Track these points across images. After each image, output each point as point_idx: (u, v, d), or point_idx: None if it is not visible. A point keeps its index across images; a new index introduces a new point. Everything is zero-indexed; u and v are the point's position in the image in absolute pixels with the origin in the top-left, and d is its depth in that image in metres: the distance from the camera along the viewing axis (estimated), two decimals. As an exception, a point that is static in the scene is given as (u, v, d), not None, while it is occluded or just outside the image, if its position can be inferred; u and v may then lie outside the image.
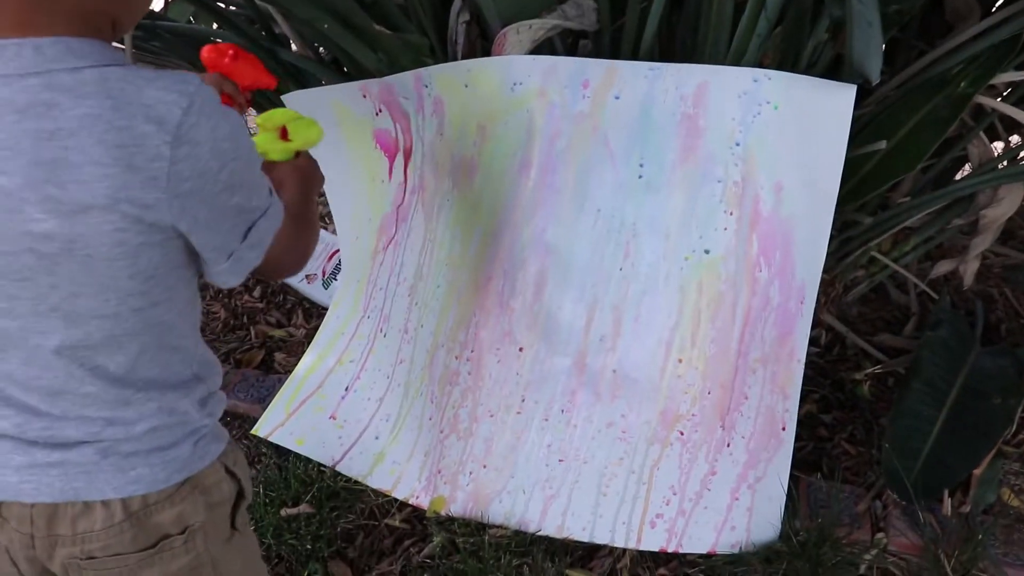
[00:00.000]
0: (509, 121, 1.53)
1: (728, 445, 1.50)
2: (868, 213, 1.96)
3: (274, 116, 1.07)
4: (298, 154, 1.08)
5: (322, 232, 2.16)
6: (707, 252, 1.46)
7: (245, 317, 2.22)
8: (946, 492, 1.59)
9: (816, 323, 2.07)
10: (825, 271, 1.98)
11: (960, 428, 1.75)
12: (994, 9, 1.71)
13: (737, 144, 1.42)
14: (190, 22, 2.26)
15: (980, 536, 1.50)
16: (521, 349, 1.56)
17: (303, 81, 1.92)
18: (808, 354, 1.96)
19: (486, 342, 1.58)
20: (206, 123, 0.71)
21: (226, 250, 0.78)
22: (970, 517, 1.57)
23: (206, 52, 1.12)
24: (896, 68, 1.84)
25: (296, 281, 2.21)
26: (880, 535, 1.56)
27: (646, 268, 1.48)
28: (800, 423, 1.82)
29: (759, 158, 1.42)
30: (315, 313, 2.22)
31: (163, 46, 1.96)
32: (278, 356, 2.06)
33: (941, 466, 1.66)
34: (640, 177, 1.46)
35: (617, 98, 1.46)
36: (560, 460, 1.55)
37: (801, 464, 1.74)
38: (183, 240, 0.76)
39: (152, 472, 0.83)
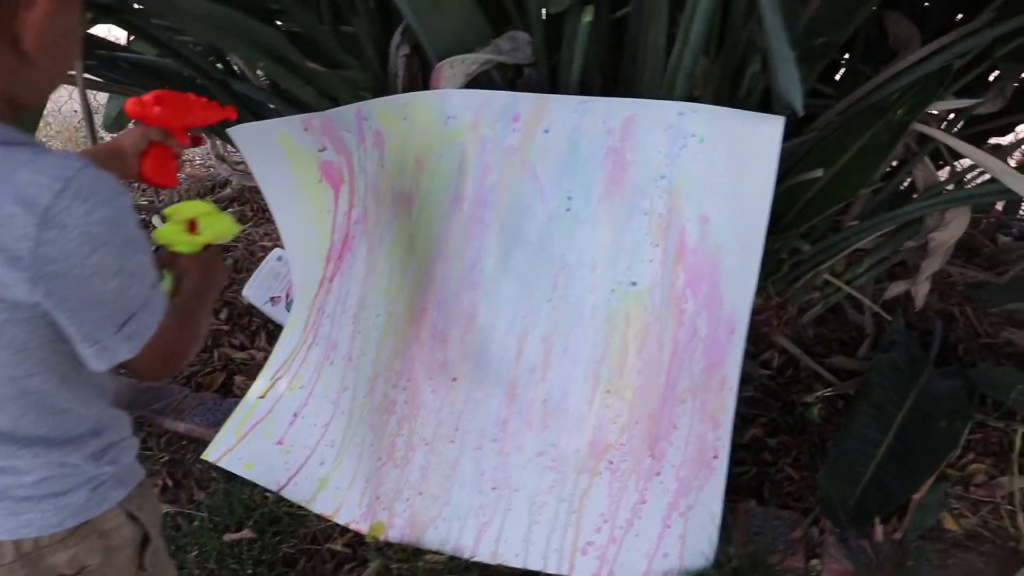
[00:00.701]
0: (443, 154, 1.55)
1: (658, 474, 1.52)
2: (818, 236, 1.97)
3: (183, 208, 1.08)
4: (206, 247, 1.09)
5: (282, 252, 2.20)
6: (634, 284, 1.48)
7: (211, 340, 2.25)
8: (877, 519, 1.59)
9: (769, 345, 2.09)
10: (778, 294, 2.02)
11: (904, 452, 1.76)
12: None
13: (663, 177, 1.44)
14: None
15: (911, 563, 1.51)
16: (455, 379, 1.59)
17: (258, 112, 1.96)
18: (760, 377, 2.00)
19: (421, 372, 1.60)
20: (79, 207, 0.71)
21: (93, 337, 0.78)
22: (904, 543, 1.58)
23: (129, 106, 1.15)
24: (844, 92, 1.85)
25: (260, 303, 2.24)
26: (815, 561, 1.57)
27: (575, 300, 1.50)
28: (745, 447, 1.86)
29: (685, 191, 1.44)
30: (278, 335, 2.25)
31: (124, 77, 1.99)
32: (237, 379, 2.09)
33: (881, 490, 1.67)
34: (568, 210, 1.48)
35: (547, 132, 1.48)
36: (493, 488, 1.57)
37: (742, 489, 1.76)
38: (51, 318, 0.77)
39: (44, 517, 0.86)
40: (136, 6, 1.71)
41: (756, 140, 1.41)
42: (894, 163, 1.96)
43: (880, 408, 1.83)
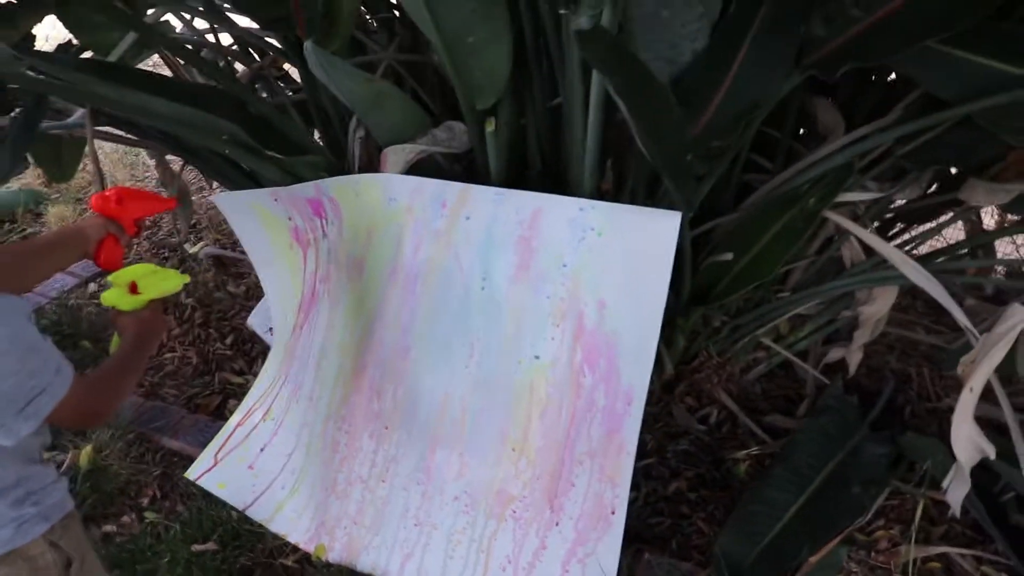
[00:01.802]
0: (386, 230, 1.76)
1: (557, 524, 1.70)
2: (756, 303, 2.11)
3: (124, 273, 1.32)
4: (147, 307, 1.32)
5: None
6: (537, 358, 1.66)
7: (214, 364, 2.53)
8: (758, 578, 1.73)
9: (712, 401, 2.24)
10: (719, 353, 2.16)
11: (812, 516, 1.89)
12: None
13: (564, 265, 1.62)
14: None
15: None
16: (387, 427, 1.81)
17: (255, 177, 2.21)
18: (696, 431, 2.15)
19: (360, 419, 1.83)
20: None
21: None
22: (787, 603, 1.72)
23: (94, 200, 1.40)
24: (779, 168, 1.99)
25: (262, 332, 2.50)
26: (701, 613, 1.73)
27: (488, 367, 1.70)
28: (665, 499, 2.02)
29: (583, 278, 1.61)
30: (275, 362, 2.52)
31: (137, 134, 2.25)
32: (231, 403, 2.36)
33: (778, 553, 1.81)
34: (483, 289, 1.68)
35: (468, 218, 1.67)
36: (415, 524, 1.78)
37: (654, 539, 1.92)
38: None
39: None
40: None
41: (652, 233, 1.57)
42: (831, 236, 2.07)
43: (797, 472, 1.96)
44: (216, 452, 2.07)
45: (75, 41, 2.02)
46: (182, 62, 2.11)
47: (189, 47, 1.92)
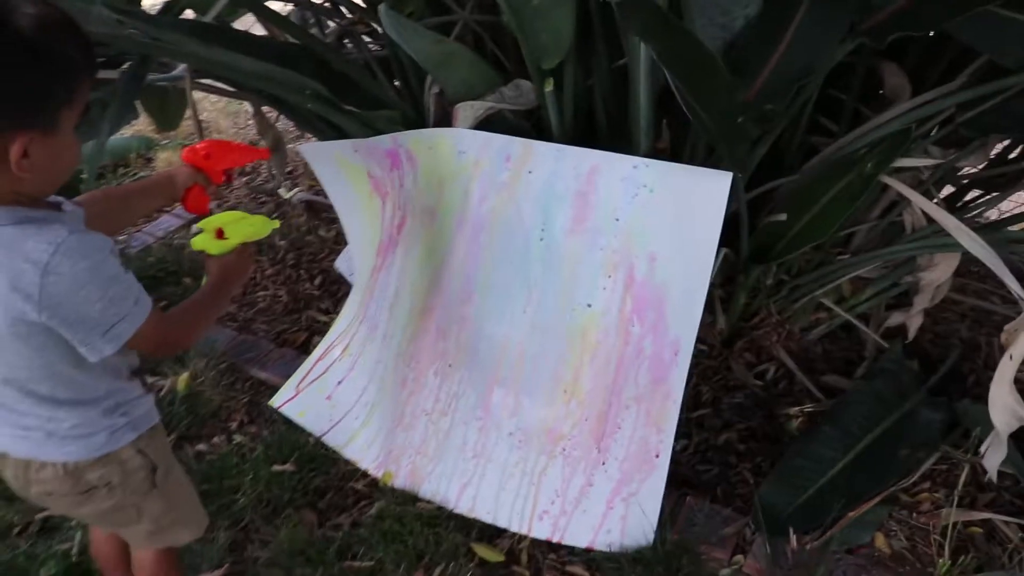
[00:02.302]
0: (456, 182, 1.88)
1: (603, 464, 1.81)
2: (817, 264, 2.14)
3: (213, 220, 1.42)
4: (234, 252, 1.42)
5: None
6: (589, 306, 1.76)
7: (303, 303, 2.72)
8: (791, 529, 1.80)
9: (771, 358, 2.29)
10: (778, 312, 2.21)
11: (856, 474, 1.94)
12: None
13: (617, 219, 1.71)
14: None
15: (819, 568, 1.73)
16: (451, 366, 1.94)
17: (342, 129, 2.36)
18: (752, 386, 2.22)
19: (426, 357, 1.97)
20: (67, 261, 1.07)
21: (84, 342, 1.16)
22: (824, 553, 1.79)
23: (184, 153, 1.51)
24: (843, 131, 2.01)
25: (347, 275, 2.67)
26: (739, 557, 1.81)
27: (544, 314, 1.81)
28: (714, 448, 2.10)
29: (635, 232, 1.70)
30: (358, 303, 2.69)
31: (237, 86, 2.42)
32: (315, 339, 2.53)
33: (818, 506, 1.87)
34: (541, 240, 1.78)
35: (530, 172, 1.78)
36: (473, 456, 1.92)
37: (700, 484, 2.01)
38: (56, 330, 1.15)
39: (78, 449, 1.28)
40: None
41: (704, 192, 1.64)
42: (894, 201, 2.08)
43: (846, 431, 2.01)
44: (298, 383, 2.25)
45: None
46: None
47: (270, 7, 2.05)
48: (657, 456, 1.80)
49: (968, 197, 2.31)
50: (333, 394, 2.20)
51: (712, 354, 2.31)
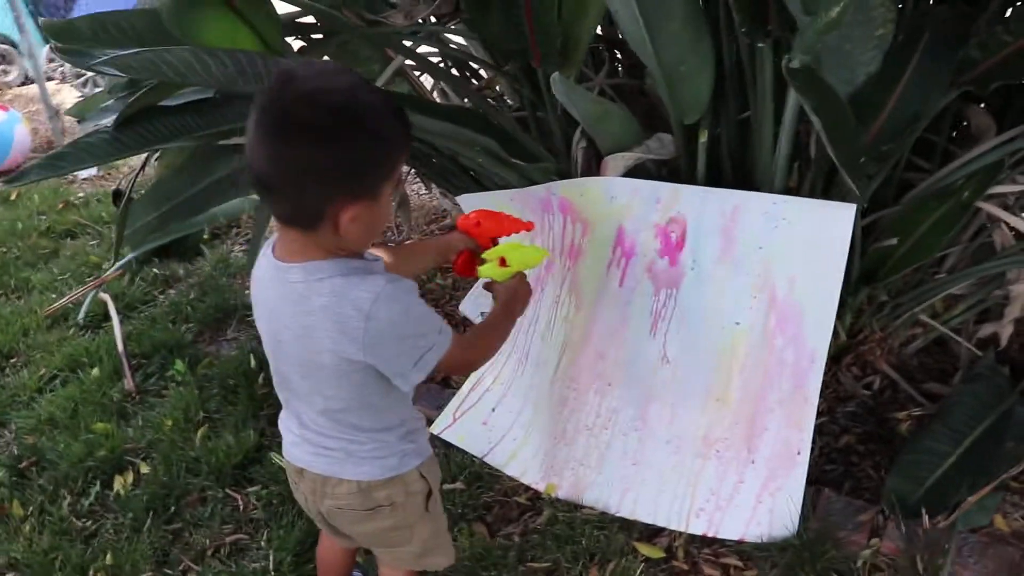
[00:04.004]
0: (607, 222, 2.17)
1: (753, 463, 2.07)
2: (916, 284, 2.42)
3: (497, 251, 1.63)
4: (516, 278, 1.63)
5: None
6: (738, 324, 2.04)
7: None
8: (924, 511, 2.04)
9: (874, 371, 2.56)
10: (881, 328, 2.48)
11: (969, 465, 2.18)
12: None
13: (760, 247, 1.99)
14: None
15: (948, 547, 1.97)
16: (610, 384, 2.21)
17: (477, 178, 2.68)
18: (861, 396, 2.48)
19: (586, 379, 2.25)
20: (385, 307, 1.24)
21: (398, 372, 1.31)
22: (951, 532, 2.03)
23: (460, 221, 1.72)
24: (936, 167, 2.31)
25: (473, 316, 2.96)
26: (875, 540, 2.05)
27: (696, 333, 2.08)
28: (837, 450, 2.35)
29: (776, 258, 1.98)
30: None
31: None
32: (453, 377, 2.82)
33: (941, 493, 2.11)
34: (693, 269, 2.07)
35: (679, 212, 2.07)
36: (633, 464, 2.18)
37: (830, 482, 2.25)
38: (373, 367, 1.31)
39: (372, 469, 1.44)
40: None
41: (833, 221, 1.93)
42: (983, 225, 2.37)
43: (953, 428, 2.25)
44: (454, 412, 2.52)
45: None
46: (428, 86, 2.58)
47: (453, 72, 2.37)
48: (799, 453, 2.05)
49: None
50: (489, 420, 2.47)
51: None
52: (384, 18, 2.23)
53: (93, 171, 5.41)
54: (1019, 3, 1.90)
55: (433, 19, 2.50)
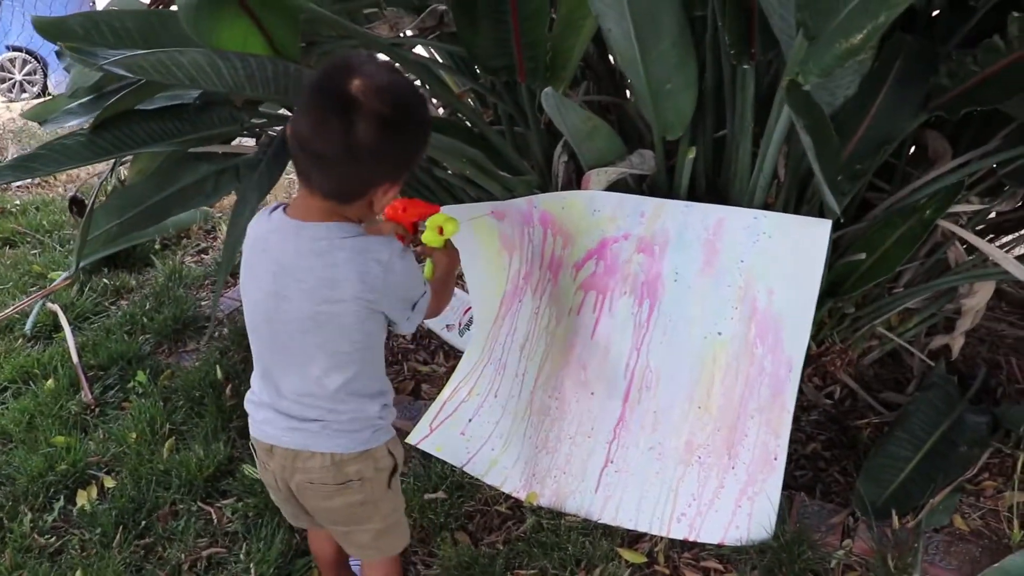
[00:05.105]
0: (589, 235, 2.22)
1: (733, 468, 2.14)
2: (874, 298, 2.55)
3: (435, 220, 1.76)
4: (447, 243, 1.79)
5: (460, 292, 2.91)
6: (719, 334, 2.11)
7: (400, 355, 3.00)
8: (894, 512, 2.15)
9: (834, 381, 2.67)
10: (841, 341, 2.60)
11: (929, 468, 2.31)
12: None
13: (742, 261, 2.07)
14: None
15: (916, 546, 2.08)
16: (592, 393, 2.26)
17: (452, 191, 2.70)
18: (823, 405, 2.59)
19: (569, 388, 2.29)
20: (399, 262, 1.42)
21: (403, 315, 1.51)
22: (918, 532, 2.14)
23: (387, 211, 1.75)
24: (895, 188, 2.43)
25: (439, 330, 2.98)
26: (847, 541, 2.15)
27: (678, 342, 2.15)
28: (805, 457, 2.45)
29: (756, 271, 2.06)
30: (453, 354, 2.99)
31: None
32: (424, 387, 2.83)
33: (905, 495, 2.22)
34: (675, 280, 2.14)
35: (663, 225, 2.14)
36: (616, 471, 2.23)
37: (800, 487, 2.35)
38: (383, 314, 1.48)
39: (347, 442, 1.50)
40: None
41: (810, 236, 2.02)
42: (939, 241, 2.51)
43: (913, 434, 2.38)
44: (430, 423, 2.53)
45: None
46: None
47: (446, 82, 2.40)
48: (775, 459, 2.13)
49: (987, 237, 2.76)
50: (466, 430, 2.48)
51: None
52: (369, 29, 2.24)
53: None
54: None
55: (409, 32, 2.53)
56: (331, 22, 1.90)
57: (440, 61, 2.78)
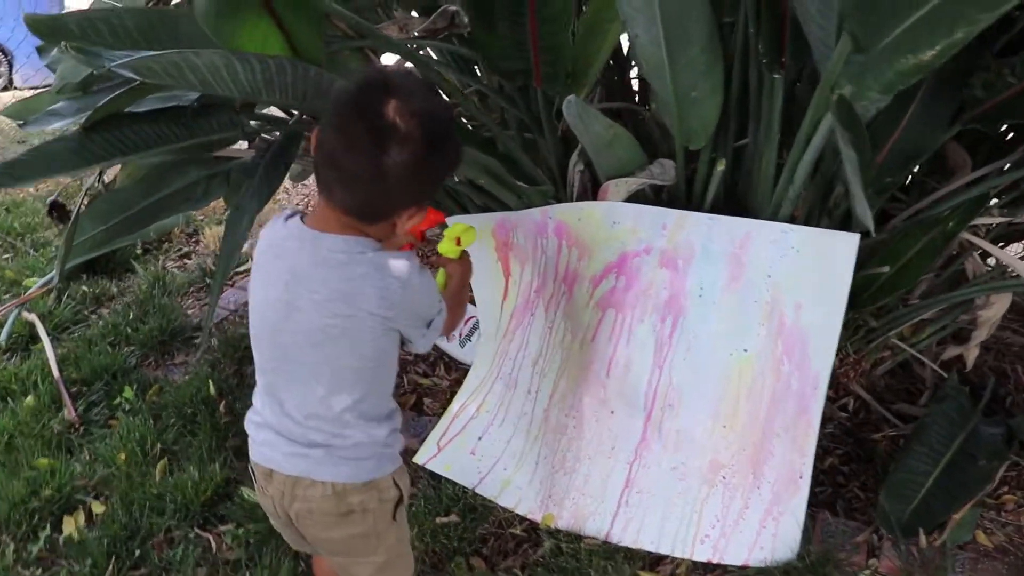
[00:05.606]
0: (608, 247, 2.15)
1: (758, 488, 2.08)
2: (889, 309, 2.50)
3: (453, 230, 1.71)
4: (463, 254, 1.73)
5: (461, 303, 2.82)
6: (745, 351, 2.05)
7: (401, 368, 2.90)
8: (921, 530, 2.11)
9: (848, 393, 2.63)
10: (855, 352, 2.55)
11: (949, 483, 2.27)
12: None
13: (769, 276, 2.01)
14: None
15: (945, 563, 2.04)
16: (612, 412, 2.19)
17: (457, 198, 2.61)
18: (838, 418, 2.54)
19: (587, 406, 2.21)
20: (417, 279, 1.35)
21: (419, 332, 1.43)
22: (943, 550, 2.10)
23: None
24: (913, 200, 2.39)
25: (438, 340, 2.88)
26: (873, 560, 2.10)
27: (702, 359, 2.08)
28: (823, 472, 2.40)
29: (784, 286, 2.00)
30: (453, 366, 2.90)
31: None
32: (426, 400, 2.73)
33: (928, 511, 2.19)
34: (700, 296, 2.07)
35: (686, 238, 2.07)
36: (637, 492, 2.15)
37: (820, 504, 2.30)
38: (398, 331, 1.40)
39: (350, 471, 1.41)
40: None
41: (837, 251, 1.96)
42: (954, 252, 2.48)
43: (931, 448, 2.34)
44: (438, 441, 2.44)
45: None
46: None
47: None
48: (801, 478, 2.08)
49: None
50: (476, 449, 2.39)
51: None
52: (379, 29, 2.14)
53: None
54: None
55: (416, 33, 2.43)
56: (351, 22, 1.80)
57: (435, 59, 2.68)
